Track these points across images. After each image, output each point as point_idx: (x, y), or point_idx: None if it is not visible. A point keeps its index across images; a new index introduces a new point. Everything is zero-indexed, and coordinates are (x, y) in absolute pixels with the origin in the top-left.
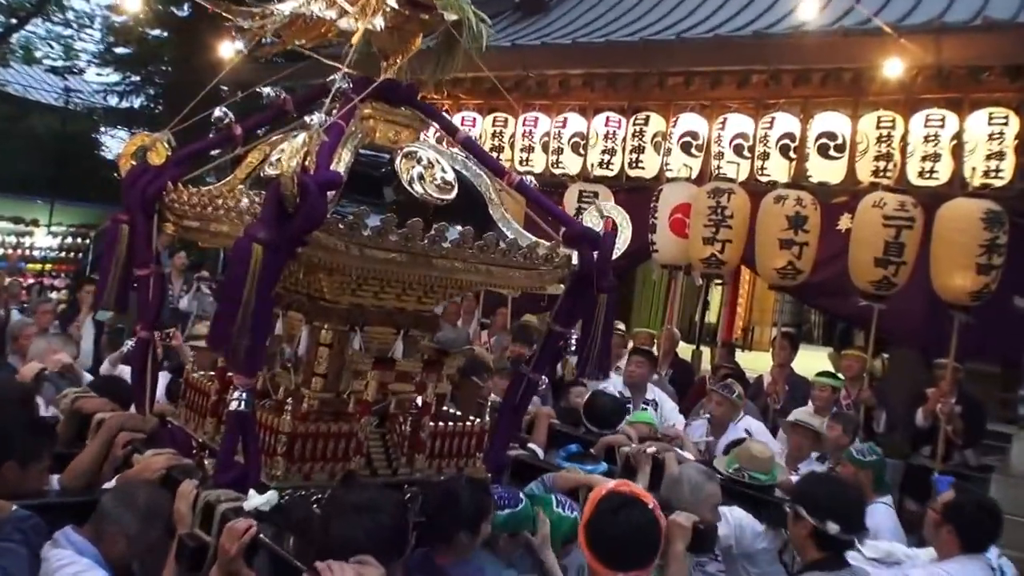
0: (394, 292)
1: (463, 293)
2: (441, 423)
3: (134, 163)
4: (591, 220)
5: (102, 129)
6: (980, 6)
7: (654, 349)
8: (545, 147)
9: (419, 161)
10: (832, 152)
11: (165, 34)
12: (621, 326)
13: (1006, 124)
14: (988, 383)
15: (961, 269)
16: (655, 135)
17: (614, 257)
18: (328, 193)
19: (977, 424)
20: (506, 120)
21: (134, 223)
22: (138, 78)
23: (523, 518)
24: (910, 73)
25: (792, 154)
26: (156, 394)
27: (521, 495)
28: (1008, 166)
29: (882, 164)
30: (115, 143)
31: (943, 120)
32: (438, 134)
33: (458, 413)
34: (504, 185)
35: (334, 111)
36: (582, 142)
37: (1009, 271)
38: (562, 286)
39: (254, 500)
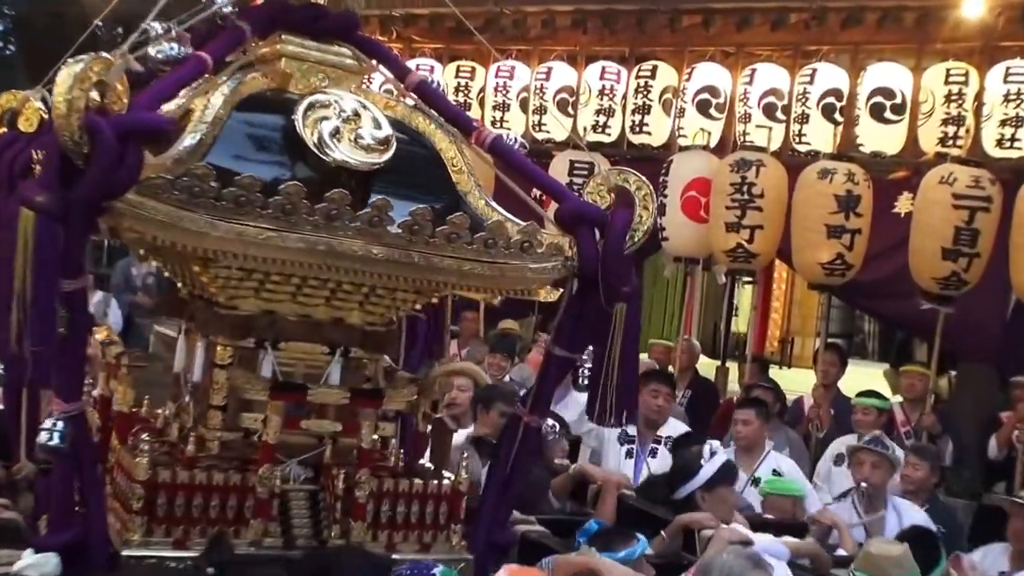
0: (321, 296)
1: (421, 299)
2: (392, 481)
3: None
4: (597, 194)
5: None
6: None
7: (670, 367)
8: (524, 105)
9: (335, 113)
10: (889, 114)
11: None
12: None
13: None
14: None
15: None
16: (664, 91)
17: (631, 247)
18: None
19: None
20: (473, 70)
21: (1, 208)
22: None
23: None
24: (990, 14)
25: (838, 116)
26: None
27: (436, 570)
28: None
29: (951, 130)
30: None
31: None
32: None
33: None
34: (474, 146)
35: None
36: (571, 99)
37: None
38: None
39: (23, 562)
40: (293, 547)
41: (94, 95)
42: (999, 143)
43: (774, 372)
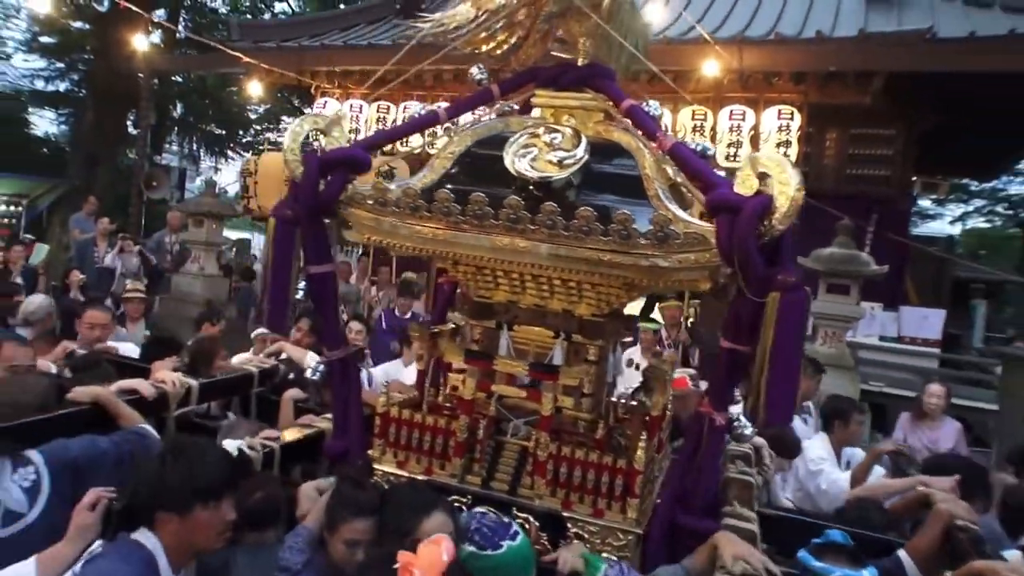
0: (538, 289)
1: (620, 298)
2: (569, 447)
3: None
4: (744, 182)
5: (29, 109)
6: (773, 24)
7: None
8: None
9: (538, 140)
10: None
11: (87, 26)
12: None
13: (792, 119)
14: None
15: None
16: None
17: (768, 233)
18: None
19: None
20: (390, 108)
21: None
22: (62, 64)
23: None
24: (720, 75)
25: None
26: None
27: (513, 532)
28: (793, 153)
29: None
30: (43, 122)
31: (744, 115)
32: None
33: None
34: (656, 151)
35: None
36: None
37: None
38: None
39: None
40: (486, 487)
41: (323, 140)
42: (727, 158)
43: None
